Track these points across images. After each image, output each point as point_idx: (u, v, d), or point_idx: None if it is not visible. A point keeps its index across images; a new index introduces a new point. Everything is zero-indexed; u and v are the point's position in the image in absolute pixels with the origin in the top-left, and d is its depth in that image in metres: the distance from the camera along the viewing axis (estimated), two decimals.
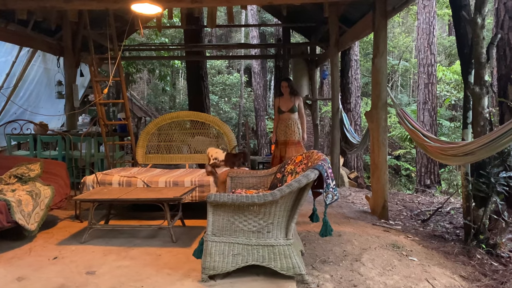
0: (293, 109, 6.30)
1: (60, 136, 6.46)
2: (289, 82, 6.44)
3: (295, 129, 6.28)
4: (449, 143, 4.32)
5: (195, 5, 5.21)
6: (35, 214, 4.03)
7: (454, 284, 3.23)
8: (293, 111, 6.31)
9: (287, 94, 6.30)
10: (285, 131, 6.29)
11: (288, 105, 6.33)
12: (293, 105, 6.32)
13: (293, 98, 6.33)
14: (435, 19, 10.50)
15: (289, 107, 6.31)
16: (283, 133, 6.30)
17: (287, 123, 6.27)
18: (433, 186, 9.67)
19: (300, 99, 6.38)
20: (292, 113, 6.31)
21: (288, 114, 6.31)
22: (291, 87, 6.38)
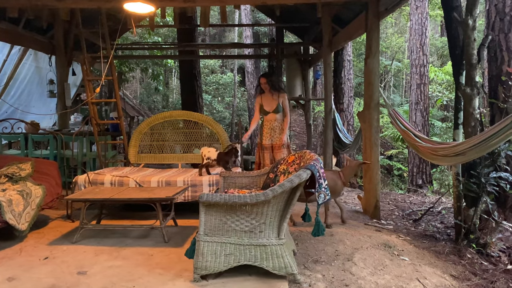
0: (277, 109, 5.64)
1: (52, 135, 6.42)
2: (268, 78, 5.68)
3: (280, 132, 5.66)
4: (440, 143, 4.35)
5: (188, 4, 5.19)
6: (26, 214, 4.00)
7: (444, 283, 3.26)
8: (277, 111, 5.65)
9: (269, 92, 5.63)
10: (271, 135, 5.66)
11: (272, 104, 5.66)
12: (278, 104, 5.65)
13: (276, 95, 5.64)
14: (427, 20, 10.56)
15: (273, 106, 5.64)
16: (269, 136, 5.67)
17: (272, 125, 5.65)
18: (425, 186, 9.74)
19: (284, 96, 5.68)
20: (277, 113, 5.66)
21: (272, 115, 5.64)
22: (271, 83, 5.65)
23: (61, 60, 7.76)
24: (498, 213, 4.31)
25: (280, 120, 5.63)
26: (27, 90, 8.40)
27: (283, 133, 5.62)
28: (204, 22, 6.51)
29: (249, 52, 16.45)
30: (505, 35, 4.58)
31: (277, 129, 5.63)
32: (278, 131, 5.62)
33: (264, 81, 5.62)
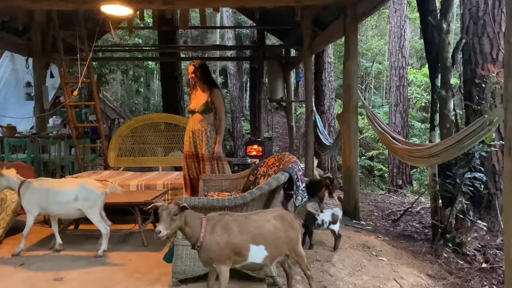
0: (203, 108, 4.42)
1: (29, 139, 6.31)
2: (196, 66, 4.41)
3: (207, 139, 4.45)
4: (416, 145, 4.43)
5: (166, 7, 5.18)
6: (1, 219, 3.93)
7: (421, 283, 3.31)
8: (204, 111, 4.43)
9: (199, 84, 4.46)
10: (193, 139, 4.50)
11: (199, 101, 4.46)
12: (205, 101, 4.42)
13: (206, 91, 4.45)
14: (406, 23, 10.73)
15: (199, 104, 4.45)
16: (192, 142, 4.50)
17: (194, 127, 4.48)
18: (405, 186, 9.87)
19: (217, 94, 4.47)
20: (204, 114, 4.44)
21: (197, 115, 4.46)
22: (203, 74, 4.43)
23: (38, 62, 7.64)
24: (474, 213, 4.41)
25: (206, 123, 4.45)
26: (4, 93, 8.25)
27: (217, 142, 4.48)
28: (184, 24, 6.50)
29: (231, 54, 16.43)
30: (478, 38, 4.69)
31: (200, 134, 4.45)
32: (201, 136, 4.45)
33: (192, 70, 4.43)
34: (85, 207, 3.59)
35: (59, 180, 3.92)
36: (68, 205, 3.58)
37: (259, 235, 2.48)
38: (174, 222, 2.30)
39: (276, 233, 2.54)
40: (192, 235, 2.40)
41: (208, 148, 4.45)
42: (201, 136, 4.45)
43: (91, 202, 3.60)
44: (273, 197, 3.28)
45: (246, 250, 2.45)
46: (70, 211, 3.63)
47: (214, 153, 4.46)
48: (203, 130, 4.44)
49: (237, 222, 2.49)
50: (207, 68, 4.54)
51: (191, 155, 4.53)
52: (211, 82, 4.52)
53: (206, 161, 4.46)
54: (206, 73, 4.48)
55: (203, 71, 4.44)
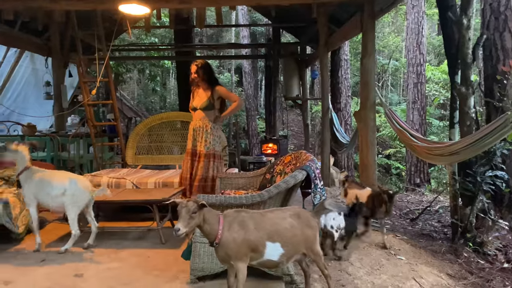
0: (205, 105, 4.44)
1: (49, 137, 6.41)
2: (198, 66, 4.44)
3: (206, 136, 4.45)
4: (436, 143, 4.37)
5: (183, 6, 5.19)
6: (23, 216, 4.00)
7: (441, 282, 3.26)
8: (205, 108, 4.45)
9: (202, 83, 4.48)
10: (194, 137, 4.51)
11: (201, 98, 4.49)
12: (207, 99, 4.43)
13: (208, 89, 4.46)
14: (424, 19, 10.57)
15: (201, 101, 4.47)
16: (192, 139, 4.52)
17: (196, 125, 4.51)
18: (422, 185, 9.74)
19: (219, 89, 4.47)
20: (205, 111, 4.46)
21: (199, 112, 4.50)
22: (205, 73, 4.45)
23: (57, 62, 7.76)
24: (495, 212, 4.33)
25: (208, 120, 4.47)
26: (24, 92, 8.39)
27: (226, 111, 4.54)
28: (200, 23, 6.51)
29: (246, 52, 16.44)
30: (500, 34, 4.59)
31: (200, 131, 4.47)
32: (201, 133, 4.46)
33: (194, 70, 4.45)
34: (68, 202, 3.64)
35: (54, 172, 3.97)
36: (57, 199, 3.64)
37: (275, 232, 2.48)
38: (192, 219, 2.31)
39: (292, 231, 2.53)
40: (210, 232, 2.41)
41: (207, 145, 4.43)
42: (201, 133, 4.46)
43: (75, 199, 3.65)
44: (290, 196, 3.27)
45: (262, 247, 2.45)
46: (57, 204, 3.68)
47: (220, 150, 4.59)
48: (203, 127, 4.46)
49: (253, 219, 2.49)
50: (209, 68, 4.55)
51: (189, 152, 4.53)
52: (213, 80, 4.53)
53: (202, 157, 4.44)
54: (208, 72, 4.49)
55: (205, 71, 4.45)
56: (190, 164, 4.49)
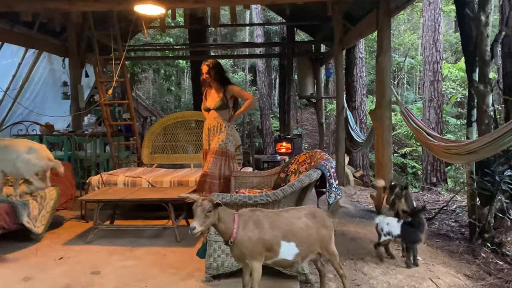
0: (218, 105, 4.43)
1: (66, 136, 6.51)
2: (210, 66, 4.42)
3: (220, 134, 4.43)
4: (453, 141, 4.31)
5: (197, 6, 5.22)
6: (42, 217, 4.08)
7: (458, 283, 3.22)
8: (219, 108, 4.44)
9: (214, 83, 4.45)
10: (209, 137, 4.53)
11: (214, 98, 4.48)
12: (220, 99, 4.43)
13: (220, 89, 4.45)
14: (440, 16, 10.41)
15: (215, 101, 4.46)
16: (208, 139, 4.54)
17: (210, 124, 4.50)
18: (439, 184, 9.60)
19: (232, 87, 4.48)
20: (219, 111, 4.45)
21: (213, 112, 4.49)
22: (217, 73, 4.42)
23: (74, 62, 7.87)
24: None
25: (222, 119, 4.46)
26: (42, 92, 8.54)
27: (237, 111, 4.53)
28: (214, 23, 6.54)
29: (260, 51, 16.43)
30: None
31: (215, 130, 4.48)
32: (216, 132, 4.46)
33: (206, 70, 4.42)
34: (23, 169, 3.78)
35: (17, 140, 4.13)
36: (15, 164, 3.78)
37: (289, 232, 2.48)
38: (208, 218, 2.33)
39: (307, 231, 2.52)
40: (225, 231, 2.42)
41: (219, 143, 4.39)
42: (215, 132, 4.45)
43: (30, 166, 3.78)
44: (305, 195, 3.26)
45: (277, 246, 2.45)
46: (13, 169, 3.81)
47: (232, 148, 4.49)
48: (218, 126, 4.45)
49: (268, 218, 2.49)
50: (220, 67, 4.52)
51: (205, 152, 4.55)
52: (225, 80, 4.50)
53: (212, 153, 4.39)
54: (220, 72, 4.46)
55: (217, 71, 4.42)
56: None
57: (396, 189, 3.66)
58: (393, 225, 3.43)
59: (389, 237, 3.43)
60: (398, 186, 3.65)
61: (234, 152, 4.58)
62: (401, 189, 3.64)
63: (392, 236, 3.41)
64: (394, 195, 3.62)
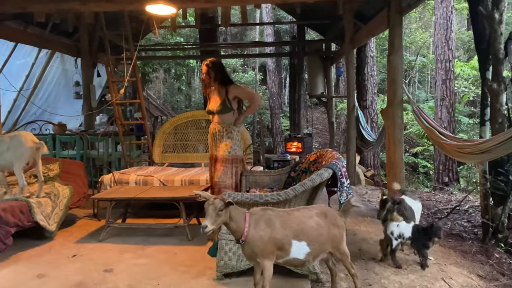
0: (221, 109, 4.05)
1: (78, 136, 6.58)
2: (209, 66, 4.07)
3: (226, 140, 4.07)
4: (466, 140, 4.26)
5: (208, 5, 5.24)
6: (55, 214, 4.13)
7: (471, 283, 3.19)
8: (221, 111, 4.06)
9: (215, 84, 4.12)
10: (214, 142, 4.16)
11: (216, 101, 4.11)
12: (222, 101, 4.05)
13: (222, 90, 4.08)
14: (453, 14, 10.30)
15: (217, 104, 4.09)
16: (212, 143, 4.21)
17: (214, 129, 4.16)
18: (451, 184, 9.51)
19: (234, 89, 4.08)
20: (222, 115, 4.08)
21: (216, 117, 4.15)
22: (217, 73, 4.08)
23: (86, 62, 7.95)
24: None
25: (227, 124, 4.09)
26: (54, 92, 8.64)
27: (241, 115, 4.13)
28: (225, 22, 6.55)
29: (270, 50, 16.41)
30: None
31: (220, 136, 4.10)
32: (222, 139, 4.09)
33: (205, 70, 4.10)
34: (13, 158, 3.82)
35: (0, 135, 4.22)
36: (3, 155, 3.82)
37: (301, 231, 2.48)
38: (219, 217, 2.34)
39: (319, 230, 2.52)
40: (236, 230, 2.43)
41: (228, 150, 4.06)
42: (221, 138, 4.09)
43: (19, 154, 3.81)
44: (316, 194, 3.26)
45: (288, 245, 2.45)
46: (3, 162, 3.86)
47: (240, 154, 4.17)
48: (223, 131, 4.09)
49: (279, 217, 2.50)
50: (221, 66, 4.16)
51: (212, 158, 4.19)
52: (226, 80, 4.12)
53: (224, 162, 4.05)
54: (220, 71, 4.11)
55: (217, 70, 4.08)
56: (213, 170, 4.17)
57: (388, 204, 3.33)
58: (403, 227, 3.31)
59: (400, 240, 3.32)
60: (390, 201, 3.34)
61: (242, 154, 4.28)
62: (393, 203, 3.33)
63: (403, 238, 3.29)
64: (386, 210, 3.32)
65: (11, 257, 3.57)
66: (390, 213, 3.33)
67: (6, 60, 6.97)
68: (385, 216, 3.34)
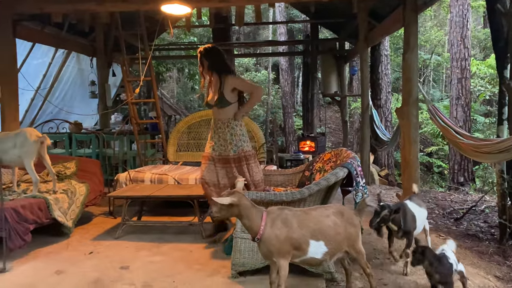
0: (219, 102, 3.65)
1: (94, 134, 6.67)
2: (202, 53, 3.68)
3: (231, 137, 3.69)
4: (483, 140, 4.21)
5: (223, 4, 5.25)
6: (71, 211, 4.19)
7: (488, 284, 3.15)
8: (220, 105, 3.66)
9: (210, 74, 3.72)
10: (217, 139, 3.75)
11: (214, 93, 3.72)
12: (219, 94, 3.64)
13: (217, 80, 3.67)
14: (469, 12, 10.17)
15: (215, 97, 3.69)
16: (215, 141, 3.76)
17: (217, 125, 3.75)
18: (466, 184, 9.40)
19: (231, 80, 3.64)
20: (221, 108, 3.68)
21: (215, 110, 3.75)
22: (213, 62, 3.67)
23: (101, 62, 8.05)
24: None
25: (226, 119, 3.69)
26: (71, 91, 8.75)
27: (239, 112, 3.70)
28: (239, 21, 6.56)
29: (283, 49, 16.39)
30: None
31: (221, 133, 3.72)
32: (224, 134, 3.70)
33: (199, 57, 3.71)
34: (21, 154, 3.89)
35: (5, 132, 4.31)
36: (10, 152, 3.90)
37: (318, 230, 2.48)
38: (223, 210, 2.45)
39: (336, 229, 2.52)
40: (250, 227, 2.44)
41: (233, 148, 3.69)
42: (223, 135, 3.70)
43: (26, 149, 3.89)
44: (331, 194, 3.25)
45: (306, 245, 2.46)
46: (13, 158, 3.93)
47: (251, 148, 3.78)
48: (224, 127, 3.70)
49: (296, 217, 2.50)
50: (217, 53, 3.69)
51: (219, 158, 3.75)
52: (222, 69, 3.65)
53: (233, 163, 3.70)
54: (216, 59, 3.66)
55: (212, 58, 3.65)
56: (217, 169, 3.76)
57: (384, 211, 2.91)
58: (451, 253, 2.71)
59: None
60: (387, 209, 2.92)
61: (252, 150, 3.82)
62: (389, 212, 2.92)
63: None
64: (380, 218, 2.91)
65: (30, 253, 3.64)
66: (384, 223, 2.97)
67: (24, 59, 7.08)
68: (378, 225, 2.95)
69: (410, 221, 3.05)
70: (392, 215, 2.92)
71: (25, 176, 4.63)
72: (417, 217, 3.11)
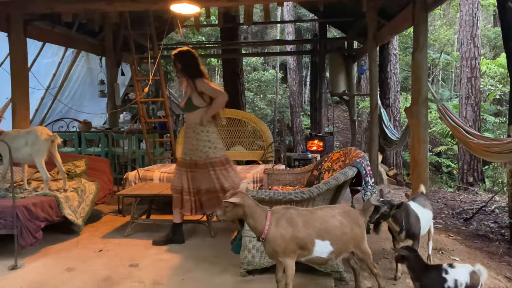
0: (188, 105, 3.69)
1: (103, 133, 6.72)
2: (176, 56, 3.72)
3: (197, 143, 3.69)
4: (494, 139, 4.18)
5: (232, 4, 5.26)
6: (81, 209, 4.23)
7: (498, 285, 3.13)
8: (189, 108, 3.70)
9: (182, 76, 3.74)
10: (186, 144, 3.80)
11: (185, 97, 3.76)
12: (188, 97, 3.68)
13: (189, 84, 3.68)
14: (479, 10, 10.08)
15: (184, 101, 3.74)
16: (186, 146, 3.80)
17: (186, 129, 3.82)
18: (476, 184, 9.32)
19: (200, 83, 3.65)
20: (191, 112, 3.70)
21: (187, 114, 3.84)
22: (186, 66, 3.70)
23: (110, 61, 8.09)
24: None
25: (193, 124, 3.70)
26: (80, 91, 8.81)
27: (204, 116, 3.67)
28: (248, 20, 6.56)
29: (291, 48, 16.36)
30: None
31: (190, 138, 3.74)
32: (192, 140, 3.71)
33: (173, 60, 3.76)
34: (33, 152, 3.94)
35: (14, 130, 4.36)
36: (22, 150, 3.95)
37: (324, 230, 2.48)
38: (227, 212, 2.46)
39: (342, 229, 2.52)
40: (254, 227, 2.45)
41: (199, 154, 3.69)
42: (190, 139, 3.72)
43: (37, 147, 3.93)
44: (340, 193, 3.25)
45: (311, 245, 2.46)
46: (24, 156, 3.99)
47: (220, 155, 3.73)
48: (192, 132, 3.71)
49: (301, 216, 2.50)
50: (190, 57, 3.71)
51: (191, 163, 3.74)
52: (192, 72, 3.66)
53: (199, 168, 3.69)
54: (188, 63, 3.68)
55: (183, 62, 3.68)
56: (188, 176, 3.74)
57: (383, 207, 2.80)
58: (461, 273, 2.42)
59: None
60: (386, 205, 2.81)
61: (221, 156, 3.76)
62: (389, 208, 2.81)
63: None
64: (379, 214, 2.79)
65: (41, 251, 3.68)
66: (384, 219, 2.88)
67: (35, 59, 7.14)
68: (377, 220, 2.84)
69: (414, 222, 2.96)
70: (393, 211, 2.82)
71: (36, 174, 4.68)
72: (421, 217, 3.01)
